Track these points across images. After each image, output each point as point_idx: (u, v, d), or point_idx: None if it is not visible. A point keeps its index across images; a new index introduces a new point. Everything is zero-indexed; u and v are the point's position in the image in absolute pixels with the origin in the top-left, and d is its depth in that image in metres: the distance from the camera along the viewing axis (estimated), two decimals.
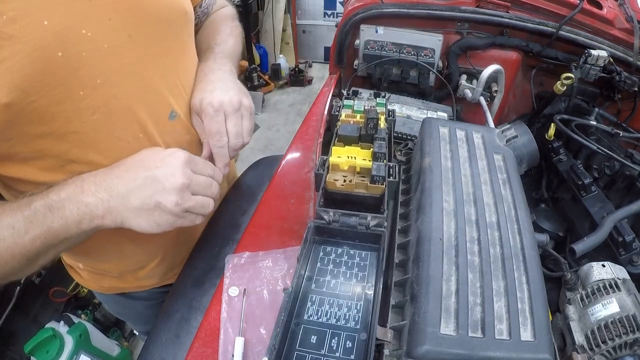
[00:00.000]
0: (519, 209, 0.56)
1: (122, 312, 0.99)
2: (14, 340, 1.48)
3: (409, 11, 1.10)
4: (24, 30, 0.46)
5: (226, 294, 0.59)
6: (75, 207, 0.51)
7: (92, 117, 0.55)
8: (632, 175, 0.80)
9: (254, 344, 0.53)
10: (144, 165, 0.54)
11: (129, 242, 0.72)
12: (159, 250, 0.78)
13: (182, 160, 0.55)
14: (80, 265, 0.81)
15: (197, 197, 0.57)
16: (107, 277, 0.82)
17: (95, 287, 0.86)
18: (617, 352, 0.54)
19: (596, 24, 1.07)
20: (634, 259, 0.69)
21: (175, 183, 0.53)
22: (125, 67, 0.57)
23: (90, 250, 0.72)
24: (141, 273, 0.80)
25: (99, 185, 0.52)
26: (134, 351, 1.80)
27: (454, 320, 0.43)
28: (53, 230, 0.51)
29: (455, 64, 1.13)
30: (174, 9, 0.64)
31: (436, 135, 0.67)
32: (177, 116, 0.66)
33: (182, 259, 0.77)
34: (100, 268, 0.80)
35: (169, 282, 0.84)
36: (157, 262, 0.79)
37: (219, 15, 0.88)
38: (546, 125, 0.98)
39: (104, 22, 0.53)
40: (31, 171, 0.56)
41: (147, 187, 0.53)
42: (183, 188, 0.54)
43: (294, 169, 0.82)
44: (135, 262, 0.78)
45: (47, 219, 0.51)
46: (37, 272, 1.51)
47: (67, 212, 0.51)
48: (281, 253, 0.63)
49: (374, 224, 0.55)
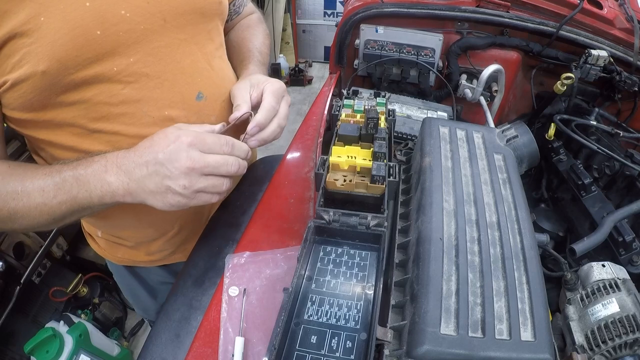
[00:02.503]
0: (519, 209, 0.56)
1: (128, 287, 1.01)
2: (14, 340, 1.48)
3: (409, 11, 1.10)
4: (67, 10, 0.52)
5: (226, 294, 0.58)
6: (99, 184, 0.56)
7: (123, 92, 0.61)
8: (632, 175, 0.80)
9: (254, 344, 0.53)
10: (153, 152, 0.56)
11: (146, 213, 0.75)
12: (175, 222, 0.83)
13: (185, 144, 0.55)
14: (99, 233, 0.87)
15: (208, 178, 0.57)
16: (122, 247, 0.87)
17: (110, 256, 0.91)
18: (617, 352, 0.54)
19: (596, 24, 1.07)
20: (634, 259, 0.69)
21: (180, 168, 0.54)
22: (157, 49, 0.62)
23: (110, 216, 0.76)
24: (154, 246, 0.85)
25: (120, 168, 0.56)
26: (134, 351, 1.80)
27: (454, 320, 0.43)
28: (78, 200, 0.57)
29: (456, 63, 1.13)
30: (209, 1, 0.70)
31: (436, 135, 0.67)
32: (204, 98, 0.70)
33: (193, 236, 0.81)
34: (117, 236, 0.85)
35: (177, 260, 0.90)
36: (171, 235, 0.84)
37: (253, 20, 0.96)
38: (546, 125, 0.98)
39: (141, 6, 0.59)
40: (62, 136, 0.62)
41: (157, 173, 0.55)
42: (188, 172, 0.55)
43: (294, 169, 0.82)
44: (151, 232, 0.83)
45: (74, 189, 0.56)
46: (37, 272, 1.51)
47: (91, 187, 0.56)
48: (281, 253, 0.63)
49: (374, 223, 0.55)
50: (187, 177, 0.55)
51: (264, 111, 0.66)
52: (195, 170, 0.55)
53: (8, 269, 1.36)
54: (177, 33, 0.65)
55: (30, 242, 1.47)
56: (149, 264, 0.91)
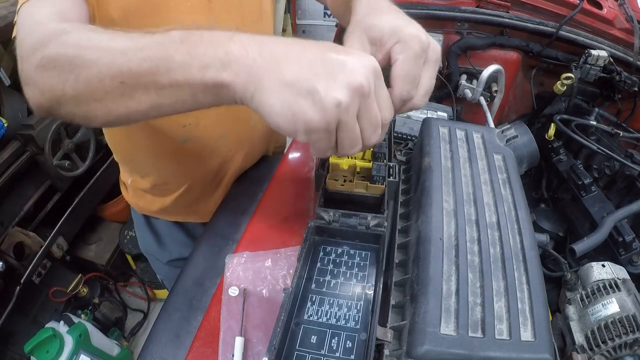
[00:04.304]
0: (519, 209, 0.56)
1: (143, 236, 1.07)
2: (14, 340, 1.48)
3: (409, 11, 1.09)
4: None
5: (226, 294, 0.58)
6: (212, 50, 0.40)
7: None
8: (632, 175, 0.80)
9: (254, 344, 0.53)
10: (322, 46, 0.41)
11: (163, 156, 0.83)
12: (187, 177, 0.87)
13: (372, 65, 0.40)
14: (129, 181, 0.96)
15: (357, 125, 0.41)
16: (144, 196, 0.95)
17: (134, 203, 1.00)
18: (617, 352, 0.54)
19: (596, 24, 1.07)
20: (634, 259, 0.69)
21: (354, 79, 0.38)
22: (200, 24, 0.68)
23: (134, 158, 0.87)
24: (168, 200, 0.91)
25: (253, 39, 0.41)
26: (134, 351, 1.80)
27: (454, 320, 0.43)
28: (170, 62, 0.41)
29: (455, 64, 1.13)
30: None
31: (436, 135, 0.67)
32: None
33: (203, 198, 0.91)
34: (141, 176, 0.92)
35: (189, 219, 0.99)
36: (183, 192, 0.89)
37: None
38: (546, 125, 0.98)
39: None
40: None
41: (314, 65, 0.39)
42: (358, 91, 0.39)
43: (294, 169, 0.82)
44: (165, 175, 0.88)
45: (172, 47, 0.41)
46: (37, 272, 1.51)
47: (199, 50, 0.40)
48: (281, 253, 0.63)
49: (374, 223, 0.55)
50: (350, 96, 0.38)
51: (398, 90, 0.47)
52: (363, 96, 0.39)
53: (8, 269, 1.36)
54: (220, 14, 0.70)
55: (30, 242, 1.47)
56: (165, 217, 0.99)
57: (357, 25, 0.51)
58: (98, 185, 1.73)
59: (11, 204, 1.45)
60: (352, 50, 0.42)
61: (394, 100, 0.47)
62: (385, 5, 0.54)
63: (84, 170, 1.61)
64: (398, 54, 0.47)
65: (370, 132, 0.43)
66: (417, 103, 0.49)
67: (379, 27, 0.49)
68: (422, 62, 0.48)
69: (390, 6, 0.54)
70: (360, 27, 0.50)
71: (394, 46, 0.48)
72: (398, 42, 0.47)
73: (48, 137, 1.42)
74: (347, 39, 0.51)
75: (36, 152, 1.44)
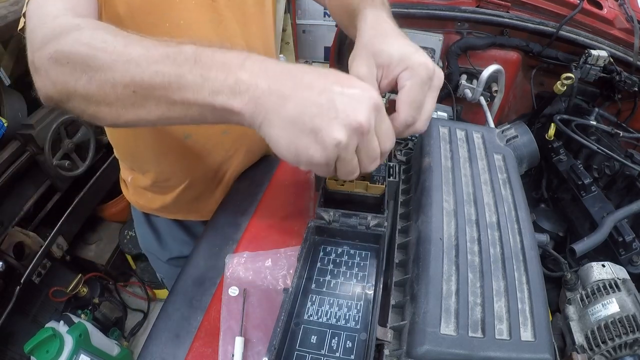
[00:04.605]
0: (519, 209, 0.56)
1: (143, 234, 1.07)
2: (14, 340, 1.48)
3: (409, 11, 1.10)
4: None
5: (226, 294, 0.58)
6: (224, 75, 0.41)
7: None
8: (632, 175, 0.80)
9: (254, 344, 0.53)
10: (328, 79, 0.42)
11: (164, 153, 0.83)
12: (188, 174, 0.87)
13: (373, 102, 0.42)
14: (129, 178, 0.95)
15: (355, 157, 0.44)
16: (145, 194, 0.95)
17: (134, 201, 0.99)
18: (617, 352, 0.54)
19: (596, 24, 1.07)
20: (634, 259, 0.69)
21: (354, 120, 0.40)
22: (203, 21, 0.70)
23: (135, 152, 0.86)
24: (169, 198, 0.91)
25: (264, 71, 0.42)
26: (134, 351, 1.80)
27: (454, 320, 0.43)
28: (182, 80, 0.42)
29: (456, 64, 1.13)
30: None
31: (436, 135, 0.67)
32: None
33: (203, 196, 0.90)
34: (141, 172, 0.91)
35: (188, 217, 0.98)
36: (182, 189, 0.89)
37: None
38: (546, 125, 0.98)
39: None
40: None
41: (318, 105, 0.40)
42: (357, 130, 0.41)
43: (294, 169, 0.82)
44: (166, 174, 0.88)
45: (185, 66, 0.42)
46: (37, 272, 1.51)
47: (211, 74, 0.42)
48: (281, 253, 0.63)
49: (374, 223, 0.55)
50: (349, 136, 0.40)
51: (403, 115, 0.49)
52: (362, 136, 0.41)
53: (8, 269, 1.36)
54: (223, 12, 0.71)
55: (30, 242, 1.47)
56: (165, 215, 0.98)
57: (364, 48, 0.51)
58: (98, 185, 1.72)
59: (11, 204, 1.45)
60: (356, 83, 0.43)
61: (398, 125, 0.49)
62: (389, 28, 0.54)
63: (84, 170, 1.61)
64: (406, 80, 0.48)
65: (368, 163, 0.45)
66: (419, 127, 0.50)
67: (387, 53, 0.49)
68: (427, 89, 0.49)
69: (394, 29, 0.54)
70: (368, 50, 0.50)
71: (401, 73, 0.49)
72: (406, 69, 0.48)
73: (48, 137, 1.41)
74: (355, 61, 0.51)
75: (36, 152, 1.44)
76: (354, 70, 0.51)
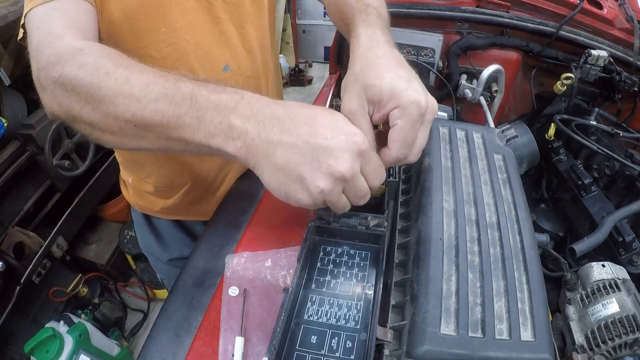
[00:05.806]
0: (519, 209, 0.56)
1: (143, 235, 1.07)
2: (14, 340, 1.48)
3: (409, 11, 1.10)
4: None
5: (226, 294, 0.58)
6: (219, 119, 0.44)
7: (166, 49, 0.69)
8: (632, 175, 0.80)
9: (254, 344, 0.53)
10: (314, 126, 0.44)
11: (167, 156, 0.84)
12: (189, 177, 0.88)
13: (357, 148, 0.44)
14: (130, 180, 0.95)
15: (343, 197, 0.46)
16: (145, 196, 0.95)
17: (134, 202, 1.00)
18: (617, 352, 0.54)
19: (596, 24, 1.07)
20: (634, 259, 0.69)
21: (336, 170, 0.43)
22: (200, 24, 0.71)
23: (136, 157, 0.87)
24: (169, 200, 0.92)
25: (255, 115, 0.44)
26: (134, 351, 1.80)
27: (454, 320, 0.43)
28: (180, 121, 0.44)
29: (456, 63, 1.13)
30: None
31: (436, 135, 0.67)
32: (230, 70, 0.76)
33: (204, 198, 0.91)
34: (142, 178, 0.92)
35: (190, 218, 0.99)
36: (184, 192, 0.90)
37: None
38: (546, 125, 0.98)
39: None
40: None
41: (301, 154, 0.43)
42: (339, 179, 0.43)
43: None
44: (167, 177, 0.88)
45: (182, 108, 0.44)
46: (37, 272, 1.51)
47: (207, 116, 0.44)
48: (281, 253, 0.63)
49: (374, 224, 0.55)
50: (332, 184, 0.43)
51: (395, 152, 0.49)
52: (344, 183, 0.44)
53: (8, 269, 1.36)
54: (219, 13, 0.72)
55: (30, 242, 1.47)
56: (166, 216, 0.99)
57: (356, 80, 0.50)
58: (98, 185, 1.73)
59: (11, 204, 1.46)
60: (342, 127, 0.45)
61: (389, 160, 0.50)
62: (382, 54, 0.52)
63: (84, 170, 1.61)
64: (396, 119, 0.48)
65: (357, 200, 0.48)
66: (411, 160, 0.51)
67: (378, 88, 0.48)
68: (420, 125, 0.49)
69: (388, 54, 0.53)
70: (359, 83, 0.50)
71: (392, 110, 0.48)
72: (397, 107, 0.48)
73: (48, 137, 1.42)
74: (346, 94, 0.51)
75: (36, 152, 1.44)
76: (345, 105, 0.51)
